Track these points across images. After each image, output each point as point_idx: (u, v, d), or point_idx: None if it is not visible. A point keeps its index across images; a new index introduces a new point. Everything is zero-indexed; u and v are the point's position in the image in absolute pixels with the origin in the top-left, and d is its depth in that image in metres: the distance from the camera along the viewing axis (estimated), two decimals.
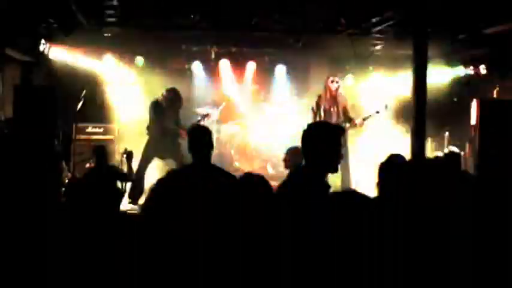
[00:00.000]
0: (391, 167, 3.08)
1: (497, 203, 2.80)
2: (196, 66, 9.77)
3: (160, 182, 2.50)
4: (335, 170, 2.88)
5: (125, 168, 6.49)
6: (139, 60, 9.03)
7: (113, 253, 2.44)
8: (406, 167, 3.08)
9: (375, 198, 2.83)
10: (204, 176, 3.54)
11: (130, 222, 2.74)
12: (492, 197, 2.88)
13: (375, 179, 3.16)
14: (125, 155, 6.47)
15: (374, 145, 8.32)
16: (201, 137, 3.83)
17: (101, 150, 6.27)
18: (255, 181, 2.53)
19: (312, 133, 2.92)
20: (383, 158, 3.27)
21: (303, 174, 2.87)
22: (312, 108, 7.36)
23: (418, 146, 5.96)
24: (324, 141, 2.83)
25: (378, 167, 3.19)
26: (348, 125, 7.23)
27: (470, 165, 6.81)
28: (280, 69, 10.01)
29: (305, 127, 2.99)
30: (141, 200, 6.38)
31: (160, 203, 2.35)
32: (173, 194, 2.37)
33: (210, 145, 3.84)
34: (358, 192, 2.35)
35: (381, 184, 3.09)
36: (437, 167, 3.42)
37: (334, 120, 7.15)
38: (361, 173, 7.54)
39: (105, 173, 5.95)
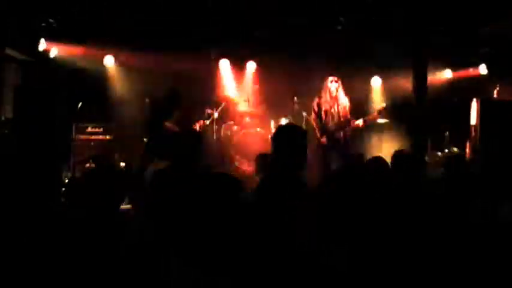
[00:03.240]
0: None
1: (497, 201, 2.81)
2: (196, 66, 9.74)
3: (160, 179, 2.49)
4: (301, 168, 3.13)
5: (125, 168, 6.49)
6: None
7: (113, 252, 2.44)
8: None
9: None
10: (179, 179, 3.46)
11: (130, 222, 2.74)
12: (492, 196, 2.89)
13: None
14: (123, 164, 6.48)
15: (375, 145, 8.31)
16: (189, 143, 3.80)
17: (100, 159, 6.28)
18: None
19: (280, 135, 3.21)
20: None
21: (277, 173, 3.06)
22: (313, 109, 7.34)
23: (418, 145, 5.97)
24: (290, 142, 3.10)
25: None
26: (349, 126, 7.20)
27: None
28: (280, 69, 9.98)
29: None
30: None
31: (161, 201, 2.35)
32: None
33: (193, 152, 3.80)
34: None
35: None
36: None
37: (335, 120, 7.12)
38: None
39: (105, 173, 5.94)
